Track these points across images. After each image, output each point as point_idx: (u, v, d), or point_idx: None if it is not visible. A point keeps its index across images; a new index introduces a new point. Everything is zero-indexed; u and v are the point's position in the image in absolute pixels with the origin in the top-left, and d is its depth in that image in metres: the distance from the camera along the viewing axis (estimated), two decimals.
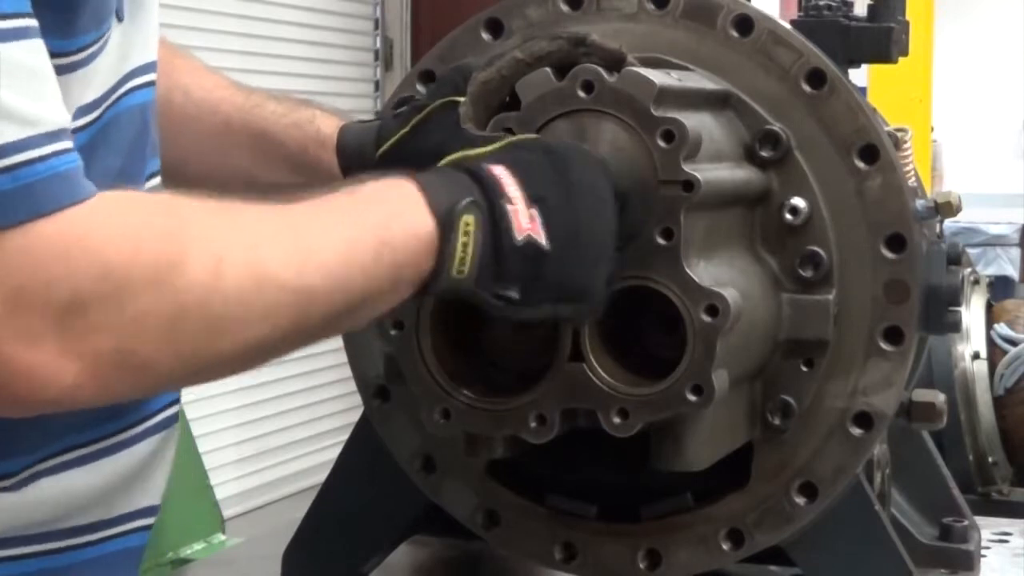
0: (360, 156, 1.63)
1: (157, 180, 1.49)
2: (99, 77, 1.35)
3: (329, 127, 1.70)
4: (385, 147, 1.57)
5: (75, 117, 1.29)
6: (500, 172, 1.32)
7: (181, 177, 1.61)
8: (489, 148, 1.38)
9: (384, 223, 1.28)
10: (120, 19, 1.40)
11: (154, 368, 1.17)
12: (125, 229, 1.16)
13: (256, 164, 1.74)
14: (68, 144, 1.17)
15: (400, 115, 1.57)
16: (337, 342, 1.70)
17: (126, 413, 1.44)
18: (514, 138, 1.40)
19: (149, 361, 1.16)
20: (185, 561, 2.55)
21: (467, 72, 1.49)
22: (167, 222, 1.18)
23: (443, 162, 1.37)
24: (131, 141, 1.41)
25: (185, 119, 1.75)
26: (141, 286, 1.14)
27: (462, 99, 1.46)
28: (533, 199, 1.32)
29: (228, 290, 1.17)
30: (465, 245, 1.29)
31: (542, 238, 1.31)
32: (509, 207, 1.31)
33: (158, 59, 1.48)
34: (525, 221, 1.31)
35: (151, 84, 1.47)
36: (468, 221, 1.29)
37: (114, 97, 1.39)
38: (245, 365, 1.24)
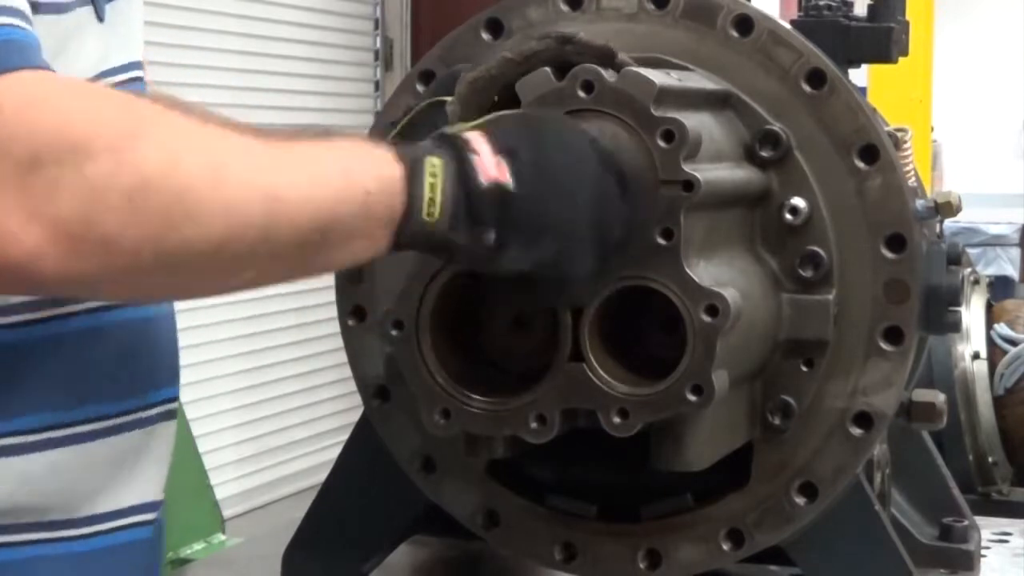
0: None
1: None
2: (75, 70, 1.38)
3: None
4: None
5: None
6: (470, 135, 1.34)
7: None
8: (468, 124, 1.38)
9: (355, 157, 1.30)
10: (101, 20, 1.44)
11: (117, 245, 1.17)
12: (85, 101, 1.19)
13: None
14: (27, 24, 1.21)
15: (394, 122, 1.58)
16: (337, 342, 1.70)
17: (104, 399, 1.44)
18: (496, 115, 1.40)
19: (111, 235, 1.16)
20: (185, 561, 2.56)
21: (459, 75, 1.49)
22: (125, 112, 1.21)
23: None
24: None
25: None
26: (99, 151, 1.16)
27: (449, 99, 1.47)
28: (501, 150, 1.33)
29: (187, 177, 1.19)
30: (432, 186, 1.30)
31: (509, 181, 1.32)
32: (474, 156, 1.32)
33: None
34: (491, 168, 1.32)
35: (136, 80, 1.49)
36: (434, 163, 1.30)
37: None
38: (216, 266, 1.24)
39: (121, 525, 1.47)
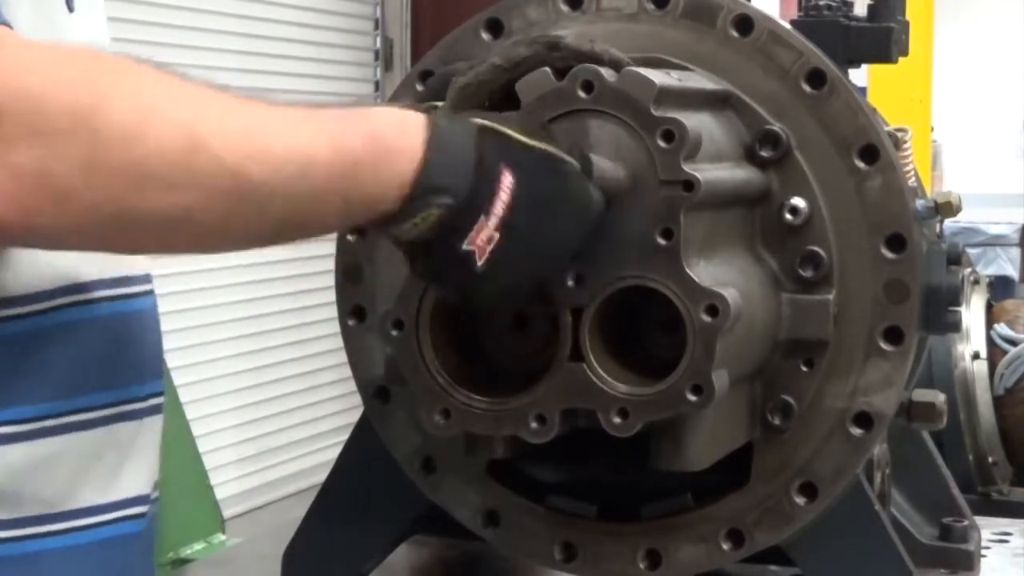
0: None
1: None
2: None
3: None
4: None
5: None
6: (506, 183, 1.32)
7: None
8: (532, 143, 1.36)
9: (363, 157, 1.28)
10: (71, 9, 1.44)
11: (73, 200, 1.17)
12: (46, 57, 1.18)
13: None
14: None
15: None
16: (337, 342, 1.70)
17: (92, 392, 1.44)
18: (554, 152, 1.38)
19: (66, 191, 1.16)
20: (185, 561, 2.56)
21: (452, 76, 1.49)
22: (89, 70, 1.19)
23: (487, 120, 1.36)
24: None
25: None
26: (56, 111, 1.15)
27: (441, 104, 1.47)
28: (508, 225, 1.32)
29: (151, 142, 1.17)
30: (416, 225, 1.30)
31: (480, 264, 1.32)
32: (481, 220, 1.31)
33: None
34: (483, 239, 1.32)
35: None
36: (432, 215, 1.30)
37: None
38: (176, 235, 1.23)
39: (111, 519, 1.47)
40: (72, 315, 1.42)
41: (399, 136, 1.30)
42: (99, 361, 1.45)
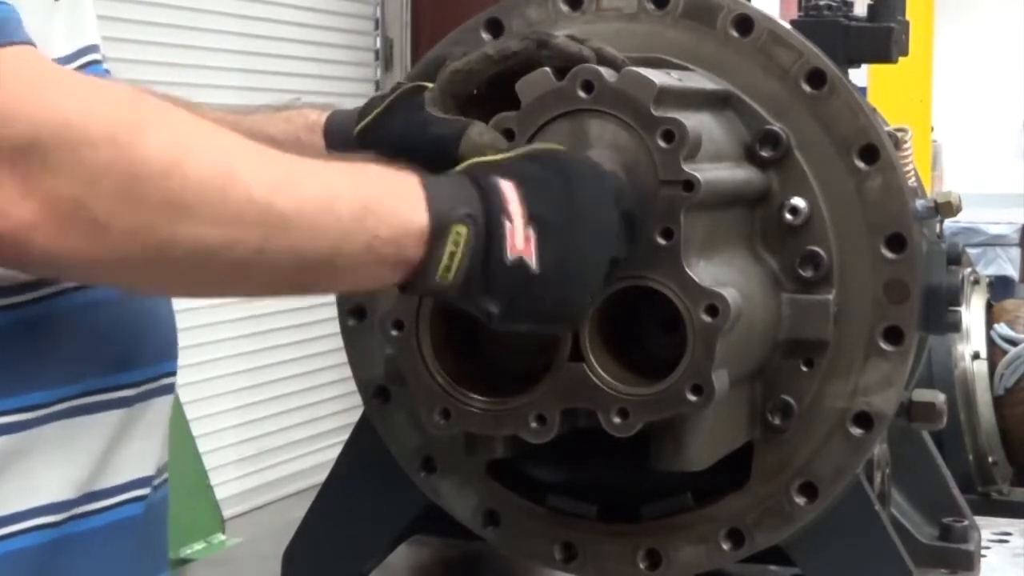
0: (345, 137, 1.65)
1: None
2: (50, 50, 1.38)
3: (318, 115, 1.73)
4: (360, 126, 1.58)
5: None
6: (507, 186, 1.33)
7: None
8: (507, 155, 1.38)
9: (377, 196, 1.28)
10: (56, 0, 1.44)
11: (108, 229, 1.17)
12: (84, 86, 1.20)
13: None
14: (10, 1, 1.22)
15: (378, 97, 1.59)
16: (337, 342, 1.70)
17: (92, 374, 1.44)
18: (533, 148, 1.40)
19: (103, 219, 1.17)
20: (185, 561, 2.56)
21: (444, 60, 1.51)
22: (129, 102, 1.20)
23: (459, 167, 1.37)
24: None
25: None
26: (99, 138, 1.16)
27: (430, 85, 1.48)
28: (533, 217, 1.32)
29: (189, 178, 1.18)
30: (452, 255, 1.30)
31: (533, 261, 1.32)
32: (507, 223, 1.31)
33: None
34: (520, 241, 1.31)
35: (93, 63, 1.49)
36: (459, 232, 1.29)
37: (71, 67, 1.42)
38: (208, 270, 1.24)
39: (113, 503, 1.47)
40: (75, 300, 1.42)
41: (401, 181, 1.31)
42: (102, 343, 1.45)
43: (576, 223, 1.34)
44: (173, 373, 1.55)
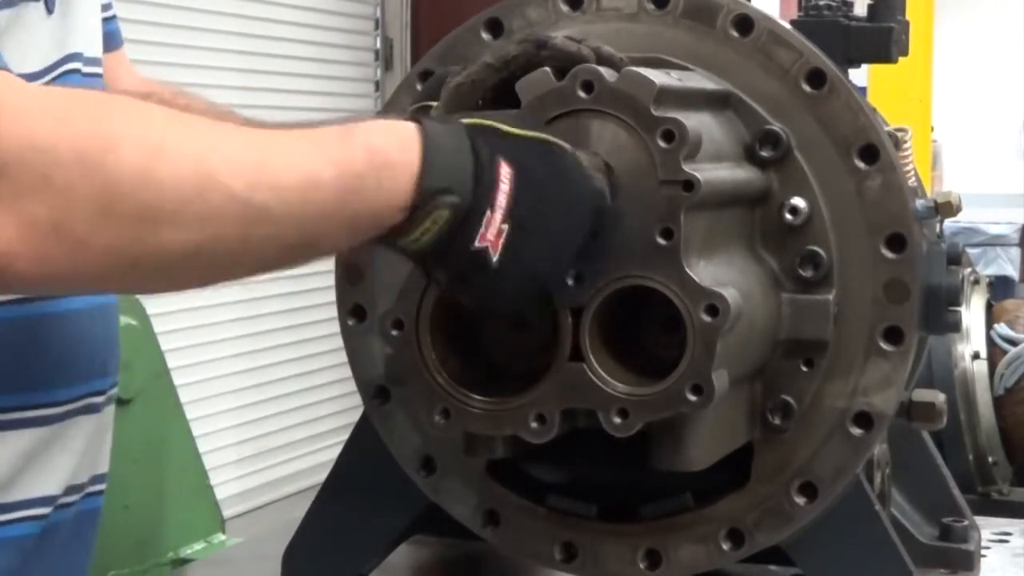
0: None
1: None
2: (29, 59, 1.38)
3: None
4: None
5: None
6: (505, 174, 1.33)
7: None
8: (522, 133, 1.37)
9: (362, 171, 1.27)
10: (50, 11, 1.44)
11: (88, 248, 1.16)
12: (51, 104, 1.17)
13: None
14: None
15: None
16: (337, 342, 1.70)
17: (8, 392, 1.43)
18: (546, 137, 1.39)
19: (82, 239, 1.16)
20: (185, 561, 2.55)
21: (445, 79, 1.50)
22: (96, 115, 1.18)
23: (473, 119, 1.36)
24: None
25: None
26: (68, 160, 1.14)
27: (435, 104, 1.47)
28: (513, 215, 1.32)
29: (165, 184, 1.17)
30: (427, 231, 1.30)
31: (495, 255, 1.32)
32: (487, 214, 1.31)
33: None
34: (492, 233, 1.32)
35: (71, 72, 1.49)
36: (441, 215, 1.30)
37: (49, 77, 1.42)
38: (189, 271, 1.24)
39: (6, 520, 1.46)
40: (9, 313, 1.42)
41: (396, 149, 1.30)
42: (28, 361, 1.45)
43: (550, 231, 1.35)
44: (103, 392, 1.54)
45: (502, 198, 1.32)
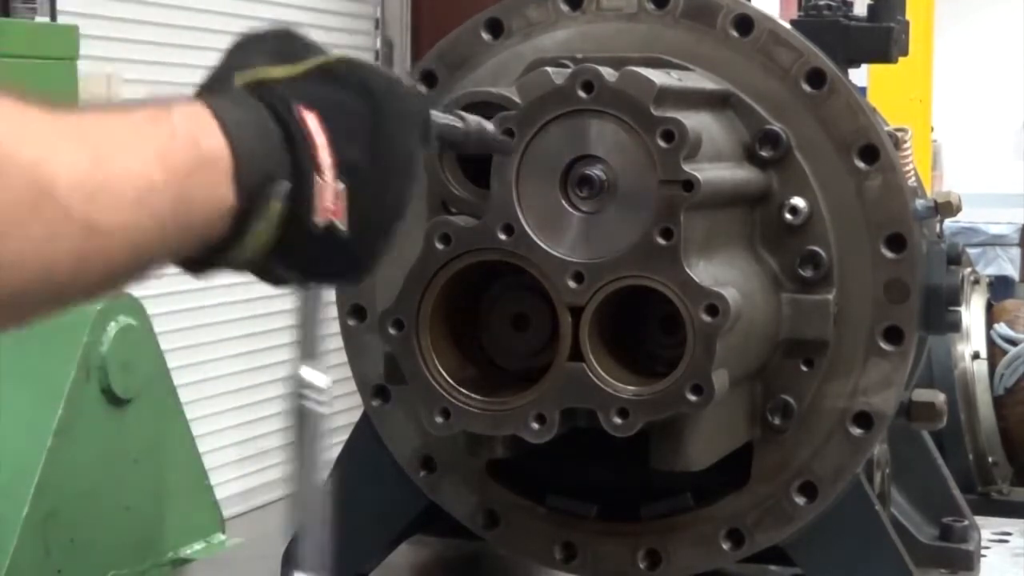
0: None
1: None
2: None
3: None
4: None
5: None
6: (313, 126, 1.15)
7: None
8: (296, 70, 1.20)
9: (187, 170, 1.09)
10: None
11: None
12: None
13: None
14: None
15: None
16: (337, 342, 1.70)
17: None
18: (324, 60, 1.22)
19: None
20: (185, 561, 2.55)
21: None
22: None
23: (245, 79, 1.19)
24: None
25: None
26: None
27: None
28: (343, 167, 1.16)
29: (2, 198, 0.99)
30: (264, 232, 1.14)
31: (343, 223, 1.16)
32: (317, 181, 1.14)
33: None
34: (330, 200, 1.15)
35: None
36: (275, 209, 1.13)
37: None
38: (23, 296, 1.04)
39: None
40: None
41: (205, 136, 1.11)
42: None
43: (386, 160, 1.19)
44: None
45: (323, 154, 1.15)
